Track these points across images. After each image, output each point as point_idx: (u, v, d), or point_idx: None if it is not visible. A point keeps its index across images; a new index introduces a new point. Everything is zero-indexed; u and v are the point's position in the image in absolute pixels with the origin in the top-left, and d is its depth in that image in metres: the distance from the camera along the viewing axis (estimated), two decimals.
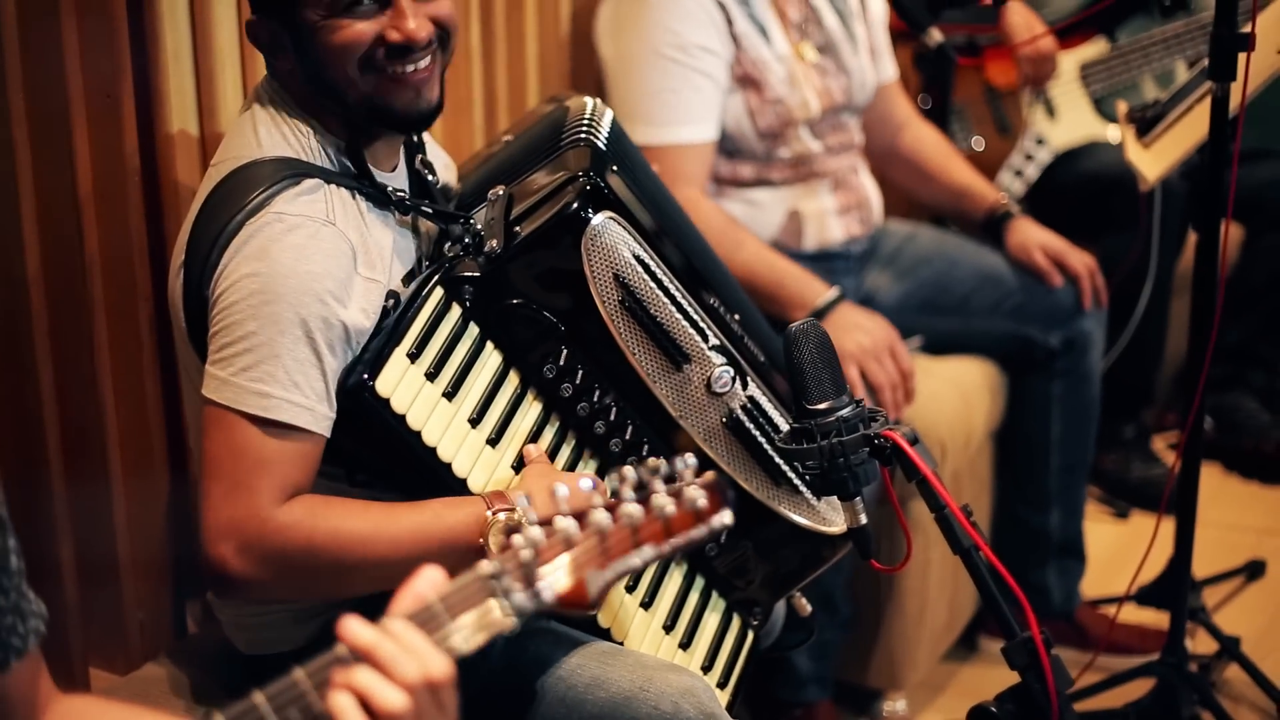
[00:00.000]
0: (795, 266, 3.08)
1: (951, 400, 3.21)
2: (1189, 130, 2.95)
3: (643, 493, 1.48)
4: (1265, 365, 4.41)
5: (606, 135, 2.29)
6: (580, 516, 1.45)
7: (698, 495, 1.49)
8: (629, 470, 1.49)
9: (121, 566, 2.48)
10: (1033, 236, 3.32)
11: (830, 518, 2.37)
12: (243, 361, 1.95)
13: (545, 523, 1.44)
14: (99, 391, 2.43)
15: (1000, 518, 3.48)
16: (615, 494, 1.48)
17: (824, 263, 3.27)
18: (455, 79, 2.94)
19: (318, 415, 1.98)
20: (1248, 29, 2.65)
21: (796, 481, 2.32)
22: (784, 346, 1.99)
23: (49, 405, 2.37)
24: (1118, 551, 3.82)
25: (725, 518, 1.50)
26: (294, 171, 2.06)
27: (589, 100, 2.38)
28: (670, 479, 1.51)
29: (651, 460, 1.52)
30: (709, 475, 1.52)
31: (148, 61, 2.41)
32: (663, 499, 1.47)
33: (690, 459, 1.53)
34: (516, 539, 1.42)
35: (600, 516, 1.45)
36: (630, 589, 2.20)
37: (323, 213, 2.03)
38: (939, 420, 3.13)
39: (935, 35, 3.09)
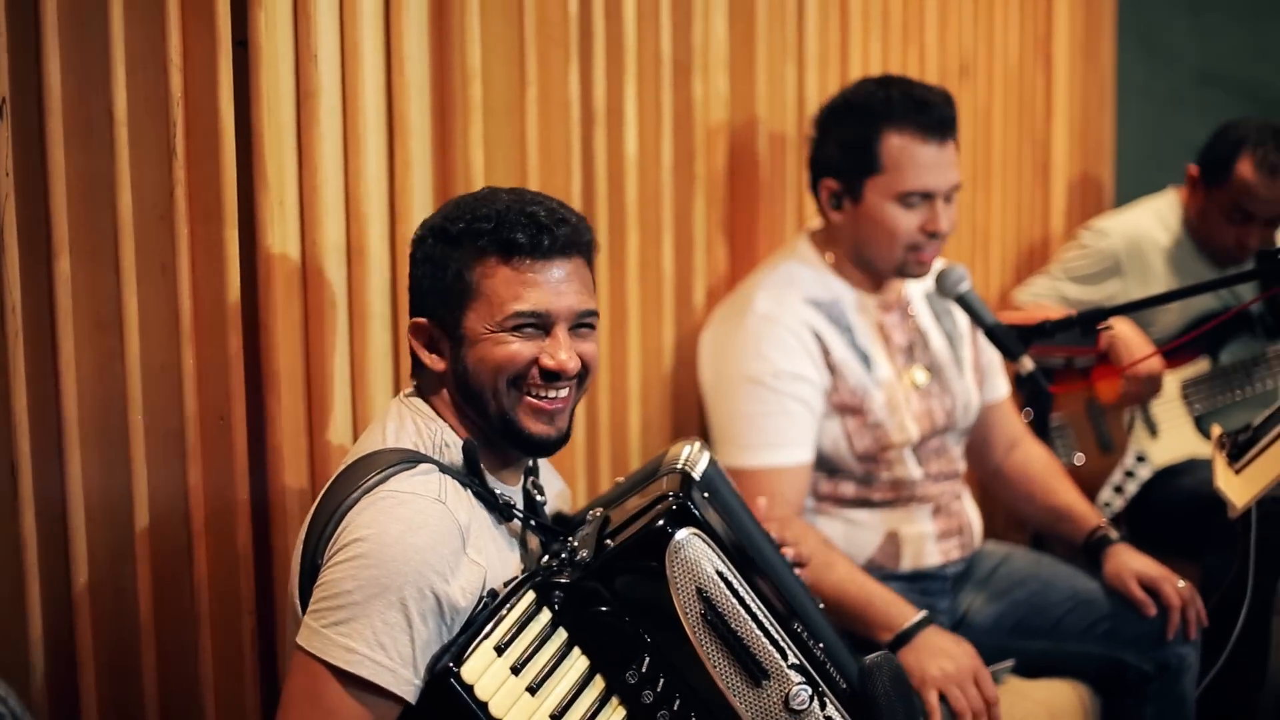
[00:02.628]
0: (884, 589, 3.09)
1: None
2: (1278, 458, 2.97)
3: None
4: None
5: (702, 469, 2.41)
6: None
7: None
8: None
9: None
10: (1129, 564, 3.29)
11: None
12: (335, 616, 2.07)
13: None
14: (201, 700, 2.49)
15: None
16: None
17: (918, 583, 3.30)
18: None
19: (399, 677, 2.07)
20: None
21: None
22: (858, 677, 2.02)
23: (151, 713, 2.44)
24: None
25: None
26: (412, 458, 2.22)
27: (689, 444, 2.50)
28: None
29: None
30: None
31: (261, 384, 2.53)
32: None
33: None
34: None
35: None
36: None
37: (435, 492, 2.17)
38: None
39: (1027, 364, 3.15)
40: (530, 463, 2.47)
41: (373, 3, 2.65)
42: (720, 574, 2.20)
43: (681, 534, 2.19)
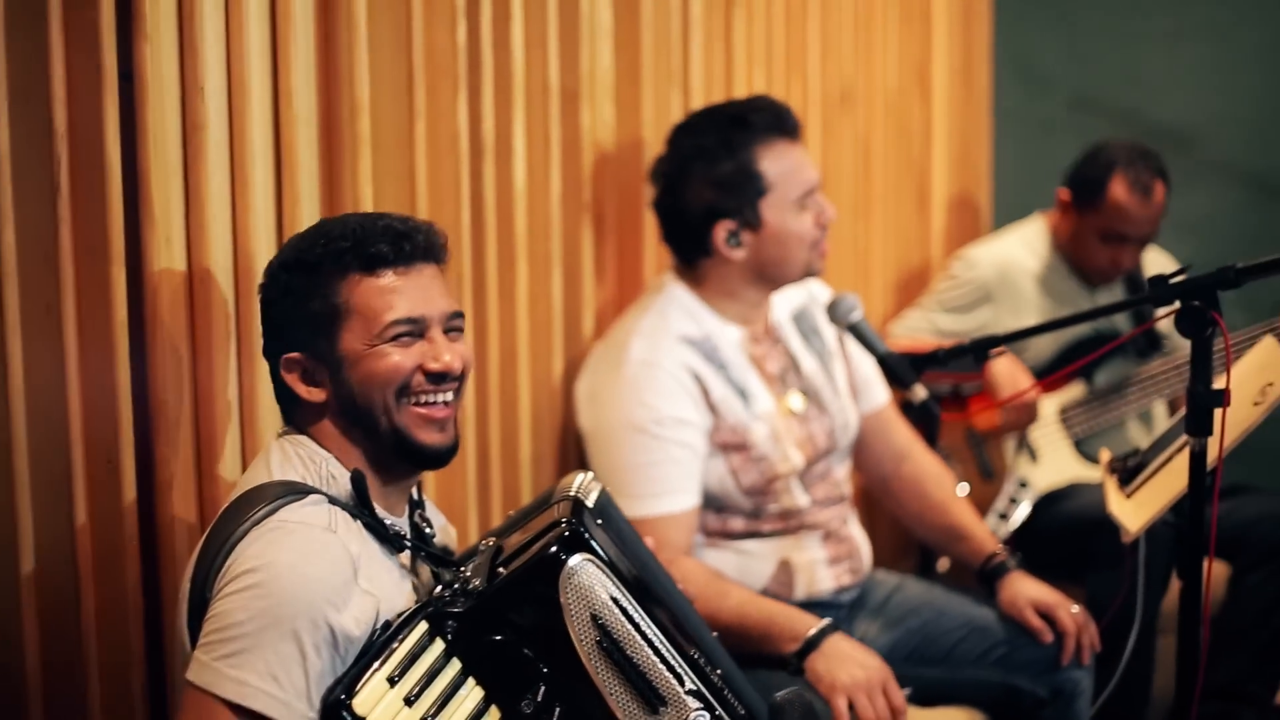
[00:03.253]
0: (783, 605, 3.10)
1: None
2: (1169, 482, 2.97)
3: None
4: (1255, 703, 4.38)
5: (595, 498, 2.41)
6: None
7: None
8: None
9: None
10: (1024, 592, 3.30)
11: None
12: (226, 649, 2.04)
13: None
14: None
15: None
16: None
17: (813, 612, 3.27)
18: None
19: (293, 710, 2.04)
20: (1223, 383, 2.72)
21: None
22: (770, 715, 2.01)
23: None
24: None
25: None
26: (300, 489, 2.20)
27: (581, 473, 2.50)
28: None
29: None
30: None
31: (149, 424, 2.47)
32: None
33: None
34: None
35: None
36: None
37: (325, 521, 2.16)
38: None
39: (919, 392, 3.16)
40: (415, 496, 2.45)
41: (260, 35, 2.61)
42: (615, 600, 2.19)
43: (575, 560, 2.18)
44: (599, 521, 2.31)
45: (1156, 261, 4.50)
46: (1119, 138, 4.43)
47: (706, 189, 3.26)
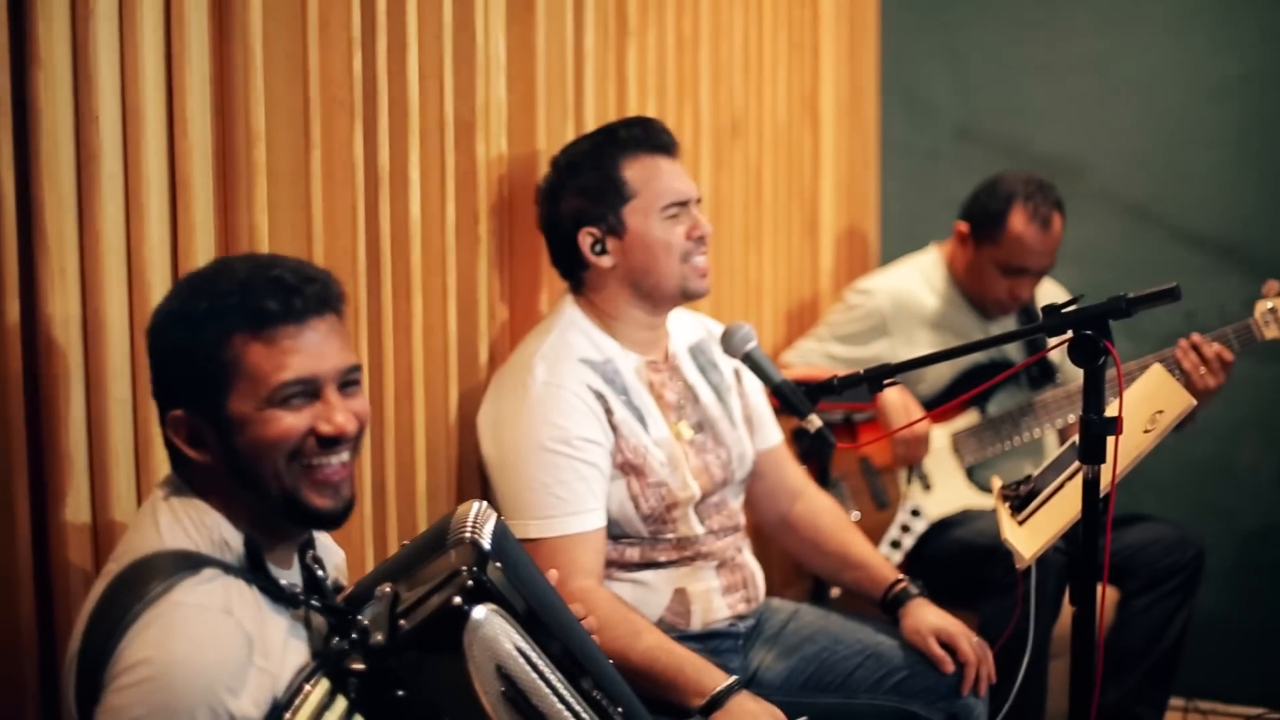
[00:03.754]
0: (693, 655, 3.08)
1: None
2: (1062, 509, 3.01)
3: None
4: None
5: (490, 534, 2.33)
6: None
7: None
8: None
9: None
10: (927, 620, 3.33)
11: None
12: None
13: None
14: None
15: None
16: None
17: (710, 642, 3.29)
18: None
19: None
20: (1115, 411, 2.75)
21: None
22: None
23: None
24: None
25: None
26: (193, 563, 2.10)
27: (475, 504, 2.42)
28: None
29: None
30: None
31: (43, 459, 2.43)
32: None
33: None
34: None
35: None
36: None
37: (221, 603, 2.07)
38: None
39: (815, 421, 3.17)
40: (306, 535, 2.38)
41: (154, 63, 2.58)
42: (520, 649, 2.16)
43: (479, 612, 2.13)
44: (498, 564, 2.25)
45: (1047, 290, 4.55)
46: (1014, 170, 4.45)
47: (574, 198, 3.33)
